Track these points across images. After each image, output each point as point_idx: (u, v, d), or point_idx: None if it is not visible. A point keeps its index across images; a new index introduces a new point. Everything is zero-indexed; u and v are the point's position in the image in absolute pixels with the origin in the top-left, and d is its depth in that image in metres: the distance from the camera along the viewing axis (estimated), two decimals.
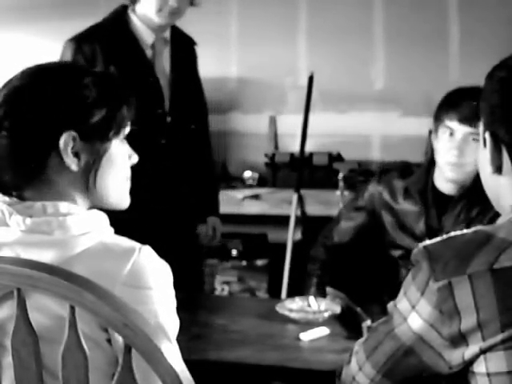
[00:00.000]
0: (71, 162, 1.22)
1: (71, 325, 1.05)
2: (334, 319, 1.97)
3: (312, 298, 2.11)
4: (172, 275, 1.22)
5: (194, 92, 2.63)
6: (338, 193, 3.70)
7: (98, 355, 1.15)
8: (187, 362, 1.10)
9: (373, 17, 4.02)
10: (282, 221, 3.70)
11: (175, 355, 1.06)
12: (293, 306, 2.06)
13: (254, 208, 3.80)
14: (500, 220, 1.19)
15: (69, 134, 1.21)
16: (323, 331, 1.91)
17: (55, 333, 1.11)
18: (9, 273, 1.07)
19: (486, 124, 1.20)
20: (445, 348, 1.12)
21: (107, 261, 1.15)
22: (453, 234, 1.15)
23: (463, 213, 2.21)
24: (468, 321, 1.09)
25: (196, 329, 1.94)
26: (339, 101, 4.06)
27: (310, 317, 2.00)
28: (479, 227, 1.16)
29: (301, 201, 3.74)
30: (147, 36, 2.46)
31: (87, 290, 1.04)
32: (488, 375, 1.09)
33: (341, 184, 3.71)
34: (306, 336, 1.88)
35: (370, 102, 4.03)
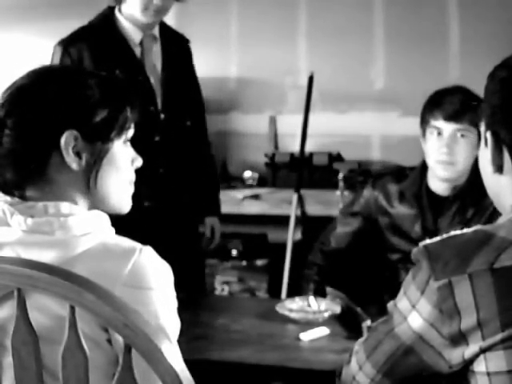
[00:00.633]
0: (72, 162, 1.22)
1: (71, 325, 1.05)
2: (334, 319, 1.97)
3: (312, 298, 2.11)
4: (173, 276, 1.21)
5: (190, 89, 2.63)
6: (338, 193, 3.70)
7: (98, 355, 1.15)
8: (187, 362, 1.10)
9: (373, 17, 4.02)
10: (282, 221, 3.70)
11: (175, 355, 1.06)
12: (293, 306, 2.06)
13: (254, 208, 3.80)
14: (500, 219, 1.19)
15: (70, 133, 1.22)
16: (323, 331, 1.91)
17: (55, 333, 1.11)
18: (9, 273, 1.07)
19: (487, 124, 1.20)
20: (445, 347, 1.12)
21: (108, 261, 1.15)
22: (453, 234, 1.15)
23: (458, 214, 2.22)
24: (468, 320, 1.09)
25: (196, 329, 1.94)
26: (339, 101, 4.06)
27: (310, 317, 2.00)
28: (479, 227, 1.16)
29: (301, 201, 3.74)
30: (135, 34, 2.47)
31: (87, 290, 1.04)
32: (488, 374, 1.10)
33: (341, 184, 3.71)
34: (306, 336, 1.88)
35: (370, 102, 4.03)
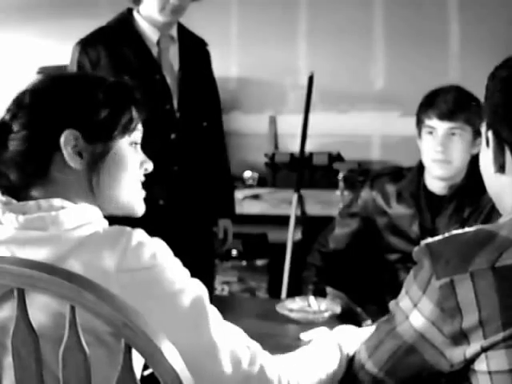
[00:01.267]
0: (73, 161, 1.23)
1: (71, 324, 1.05)
2: (334, 319, 1.97)
3: (312, 298, 2.10)
4: (170, 250, 1.19)
5: (207, 90, 2.66)
6: (338, 193, 3.70)
7: (99, 351, 1.14)
8: None
9: (373, 17, 4.02)
10: (282, 221, 3.70)
11: (175, 355, 1.06)
12: (293, 306, 2.06)
13: (254, 208, 3.81)
14: (502, 219, 1.19)
15: (70, 132, 1.22)
16: (323, 331, 1.91)
17: (56, 331, 1.11)
18: (9, 273, 1.07)
19: (489, 124, 1.20)
20: (446, 346, 1.12)
21: (101, 251, 1.14)
22: (455, 233, 1.15)
23: (455, 213, 2.22)
24: (469, 319, 1.09)
25: None
26: (339, 101, 4.06)
27: (310, 317, 2.00)
28: (481, 226, 1.16)
29: (301, 201, 3.74)
30: (152, 34, 2.50)
31: (87, 290, 1.04)
32: (489, 373, 1.10)
33: (341, 184, 3.71)
34: (306, 336, 1.87)
35: (370, 102, 4.03)
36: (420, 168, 2.29)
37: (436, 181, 2.24)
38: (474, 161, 1.37)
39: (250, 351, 1.22)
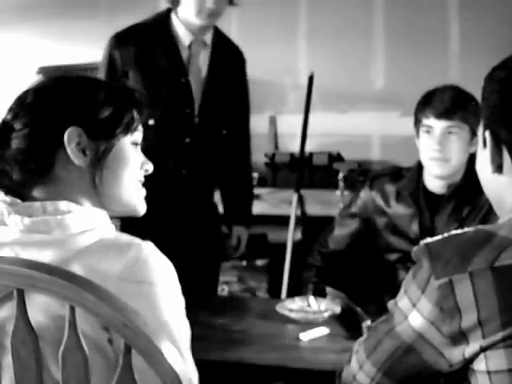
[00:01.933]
0: (76, 157, 1.23)
1: (71, 325, 1.05)
2: (334, 319, 1.97)
3: (312, 298, 2.11)
4: (175, 272, 1.20)
5: (234, 99, 2.65)
6: (338, 193, 3.70)
7: (98, 357, 1.15)
8: None
9: (373, 17, 4.02)
10: (282, 221, 3.70)
11: (175, 355, 1.06)
12: (293, 306, 2.06)
13: (254, 208, 3.78)
14: (501, 219, 1.19)
15: (74, 129, 1.23)
16: (323, 331, 1.91)
17: (56, 332, 1.11)
18: (9, 273, 1.07)
19: (486, 124, 1.20)
20: (445, 346, 1.12)
21: (105, 258, 1.14)
22: (454, 233, 1.15)
23: (454, 213, 2.23)
24: (468, 319, 1.09)
25: (196, 329, 1.92)
26: (339, 101, 4.07)
27: (310, 317, 2.00)
28: (480, 226, 1.16)
29: (301, 201, 3.74)
30: (185, 37, 2.52)
31: (87, 290, 1.04)
32: (488, 373, 1.09)
33: (341, 184, 3.71)
34: (306, 336, 1.88)
35: (370, 102, 4.03)
36: (419, 168, 2.30)
37: (435, 180, 2.25)
38: (472, 159, 1.38)
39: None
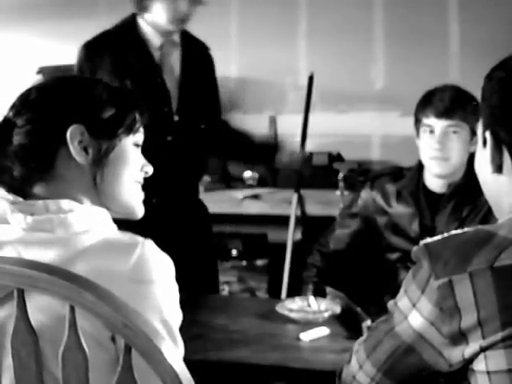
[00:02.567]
0: (78, 155, 1.24)
1: (71, 325, 1.05)
2: (334, 319, 1.98)
3: (312, 298, 2.11)
4: (174, 270, 1.21)
5: (207, 94, 2.68)
6: (338, 193, 3.70)
7: (100, 354, 1.15)
8: (187, 362, 1.10)
9: (373, 17, 4.02)
10: (282, 221, 3.70)
11: (175, 355, 1.06)
12: (293, 306, 2.06)
13: (254, 208, 3.80)
14: (501, 219, 1.19)
15: (76, 127, 1.24)
16: (323, 331, 1.91)
17: (56, 332, 1.11)
18: (9, 273, 1.07)
19: (486, 124, 1.20)
20: (445, 346, 1.12)
21: (110, 257, 1.15)
22: (454, 233, 1.15)
23: (454, 212, 2.23)
24: (468, 319, 1.09)
25: (196, 329, 1.94)
26: (339, 101, 4.06)
27: (310, 317, 2.00)
28: (480, 226, 1.16)
29: (301, 201, 3.73)
30: (155, 39, 2.53)
31: (87, 290, 1.04)
32: (488, 373, 1.10)
33: (341, 184, 3.71)
34: (306, 336, 1.88)
35: (370, 102, 4.03)
36: (419, 167, 2.31)
37: (435, 179, 2.26)
38: (472, 159, 1.38)
39: None
